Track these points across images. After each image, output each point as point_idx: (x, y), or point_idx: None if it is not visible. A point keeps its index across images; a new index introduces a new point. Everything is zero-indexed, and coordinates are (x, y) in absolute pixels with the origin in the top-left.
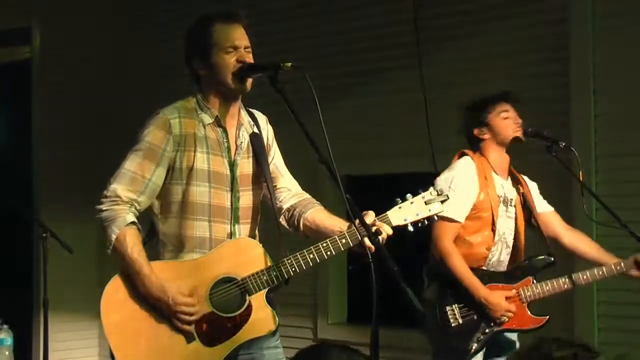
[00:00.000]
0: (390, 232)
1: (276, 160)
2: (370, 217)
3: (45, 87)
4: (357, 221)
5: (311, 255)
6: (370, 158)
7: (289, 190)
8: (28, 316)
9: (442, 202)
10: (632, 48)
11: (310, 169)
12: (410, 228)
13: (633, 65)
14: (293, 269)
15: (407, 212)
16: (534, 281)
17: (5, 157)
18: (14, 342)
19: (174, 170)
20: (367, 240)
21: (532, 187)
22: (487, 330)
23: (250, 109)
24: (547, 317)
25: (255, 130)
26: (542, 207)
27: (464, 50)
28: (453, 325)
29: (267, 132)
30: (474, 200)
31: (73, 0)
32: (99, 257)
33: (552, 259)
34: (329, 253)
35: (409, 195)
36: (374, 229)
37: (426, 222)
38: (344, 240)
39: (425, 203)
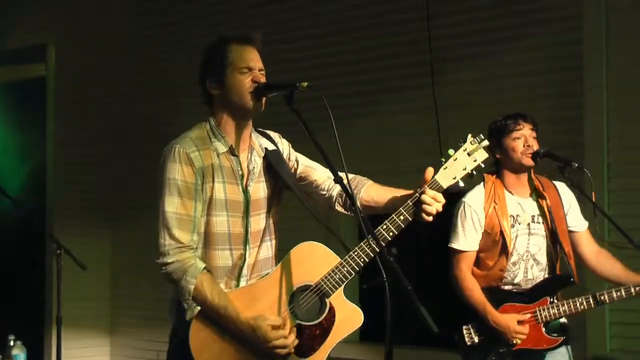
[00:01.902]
0: (443, 200)
1: (301, 160)
2: (429, 172)
3: (59, 104)
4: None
5: (374, 242)
6: (383, 176)
7: (329, 178)
8: (40, 332)
9: (485, 148)
10: None
11: None
12: (461, 184)
13: None
14: (362, 259)
15: (455, 170)
16: (552, 301)
17: (20, 174)
18: (27, 358)
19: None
20: (424, 216)
21: (567, 201)
22: (500, 351)
23: (261, 129)
24: (563, 337)
25: (271, 147)
26: (574, 224)
27: (477, 71)
28: (469, 344)
29: (282, 145)
30: (482, 226)
31: (88, 19)
32: (112, 273)
33: (572, 278)
34: (390, 234)
35: (451, 151)
36: (429, 191)
37: (475, 173)
38: (402, 217)
39: (469, 154)
